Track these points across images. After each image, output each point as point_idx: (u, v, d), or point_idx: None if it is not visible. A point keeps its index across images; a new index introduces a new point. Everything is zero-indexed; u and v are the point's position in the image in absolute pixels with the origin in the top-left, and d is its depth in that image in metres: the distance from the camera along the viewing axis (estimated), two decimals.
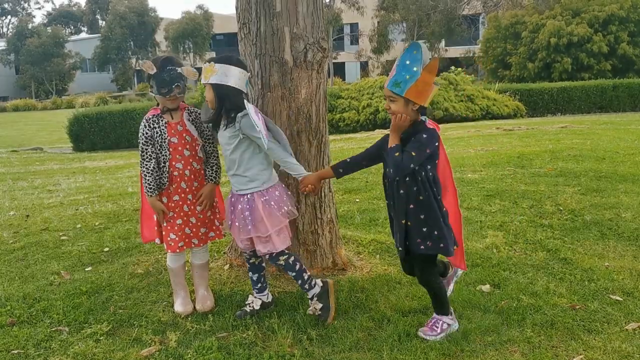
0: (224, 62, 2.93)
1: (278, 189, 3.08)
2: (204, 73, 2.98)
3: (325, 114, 3.59)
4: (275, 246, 3.01)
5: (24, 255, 4.54)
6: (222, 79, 2.91)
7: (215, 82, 2.93)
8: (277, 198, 3.04)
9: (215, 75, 2.92)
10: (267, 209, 2.99)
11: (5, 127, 28.15)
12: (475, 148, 9.22)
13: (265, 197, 3.01)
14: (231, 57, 3.00)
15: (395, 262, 3.95)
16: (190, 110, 3.21)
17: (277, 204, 3.02)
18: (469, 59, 35.51)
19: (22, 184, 9.02)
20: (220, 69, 2.91)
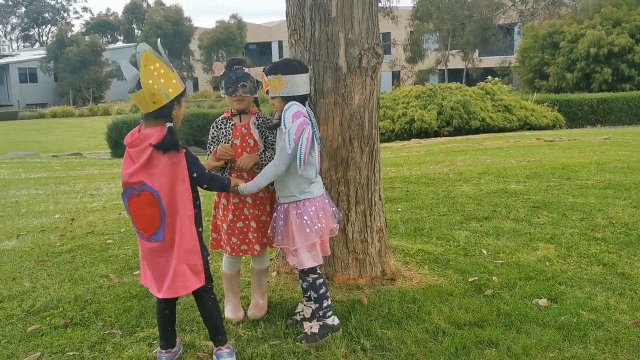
0: (290, 72, 2.87)
1: (315, 204, 2.96)
2: (271, 86, 2.90)
3: (377, 121, 3.55)
4: (301, 261, 2.93)
5: (72, 257, 4.59)
6: (292, 90, 2.88)
7: (285, 95, 2.89)
8: (312, 214, 2.93)
9: (285, 88, 2.87)
10: (297, 223, 2.91)
11: (45, 133, 28.89)
12: (516, 159, 9.06)
13: (300, 210, 2.92)
14: (292, 63, 2.95)
15: (445, 273, 3.87)
16: (259, 115, 3.18)
17: (311, 220, 2.92)
18: (504, 69, 35.07)
19: (64, 188, 9.20)
20: (289, 81, 2.86)
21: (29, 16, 79.77)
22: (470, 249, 4.40)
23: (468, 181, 7.17)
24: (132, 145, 2.53)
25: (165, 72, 2.49)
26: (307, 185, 2.94)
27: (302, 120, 2.82)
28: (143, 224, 2.56)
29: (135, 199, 2.53)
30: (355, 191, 3.51)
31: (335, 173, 3.48)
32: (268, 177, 2.89)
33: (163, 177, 2.49)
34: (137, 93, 2.45)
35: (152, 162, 2.49)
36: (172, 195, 2.51)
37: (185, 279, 2.56)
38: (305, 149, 2.82)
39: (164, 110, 2.50)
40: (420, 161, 9.67)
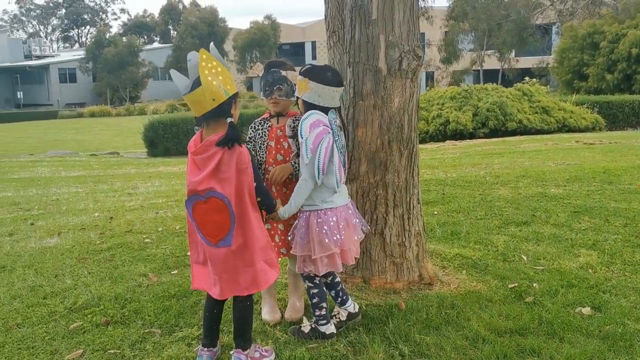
0: (320, 81, 2.83)
1: (337, 214, 2.91)
2: (298, 85, 2.94)
3: (416, 123, 3.51)
4: (317, 268, 2.92)
5: (112, 256, 4.67)
6: (315, 99, 2.85)
7: (306, 100, 2.88)
8: (332, 224, 2.88)
9: (309, 93, 2.85)
10: (317, 233, 2.87)
11: (84, 132, 29.57)
12: (555, 162, 8.87)
13: (320, 219, 2.89)
14: (326, 73, 2.87)
15: (484, 279, 3.80)
16: (297, 118, 3.17)
17: (330, 230, 2.87)
18: (541, 70, 34.41)
19: (102, 186, 9.39)
20: (315, 88, 2.83)
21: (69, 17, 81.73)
22: (510, 255, 4.32)
23: (505, 184, 7.04)
24: (198, 152, 2.54)
25: (222, 71, 2.51)
26: (329, 194, 2.92)
27: (320, 130, 2.80)
28: (211, 230, 2.56)
29: (201, 205, 2.55)
30: (393, 194, 3.48)
31: (374, 176, 3.45)
32: (302, 193, 2.86)
33: (232, 183, 2.51)
34: (195, 92, 2.45)
35: (221, 168, 2.50)
36: (241, 200, 2.54)
37: (265, 274, 2.63)
38: (324, 158, 2.80)
39: (223, 106, 2.51)
40: (456, 163, 9.56)
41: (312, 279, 3.00)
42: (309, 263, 2.94)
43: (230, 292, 2.62)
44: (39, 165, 13.49)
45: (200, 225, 2.58)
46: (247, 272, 2.59)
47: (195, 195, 2.54)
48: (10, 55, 55.05)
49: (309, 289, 3.03)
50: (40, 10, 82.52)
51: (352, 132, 3.44)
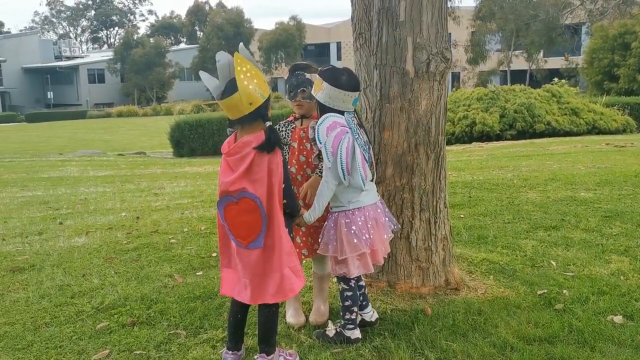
0: (332, 83, 2.80)
1: (365, 214, 2.89)
2: (314, 84, 2.94)
3: (444, 126, 3.46)
4: (349, 270, 2.90)
5: (138, 256, 4.72)
6: (326, 100, 2.84)
7: (319, 101, 2.88)
8: (360, 224, 2.87)
9: (321, 93, 2.85)
10: (346, 233, 2.86)
11: (112, 132, 30.03)
12: (585, 165, 8.69)
13: (348, 219, 2.88)
14: (340, 76, 2.83)
15: (511, 285, 3.74)
16: None
17: (359, 230, 2.86)
18: (570, 70, 33.83)
19: (129, 186, 9.50)
20: (327, 89, 2.82)
21: (98, 19, 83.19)
22: (538, 260, 4.24)
23: (534, 187, 6.93)
24: (231, 153, 2.54)
25: (256, 73, 2.50)
26: (356, 194, 2.90)
27: (338, 131, 2.78)
28: (242, 231, 2.56)
29: (233, 206, 2.54)
30: (420, 198, 3.44)
31: (400, 179, 3.42)
32: (324, 195, 2.85)
33: (264, 183, 2.51)
34: (233, 97, 2.44)
35: (253, 169, 2.50)
36: (271, 201, 2.54)
37: (291, 282, 2.60)
38: (346, 158, 2.79)
39: (260, 110, 2.51)
40: (483, 165, 9.44)
41: (347, 281, 2.97)
42: (343, 265, 2.92)
43: (259, 298, 2.60)
44: (68, 165, 13.72)
45: (232, 226, 2.58)
46: (273, 278, 2.58)
47: (227, 196, 2.54)
48: (41, 56, 56.24)
49: (343, 292, 3.00)
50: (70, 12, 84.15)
51: (378, 134, 3.41)
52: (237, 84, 2.43)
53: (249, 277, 2.59)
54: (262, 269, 2.58)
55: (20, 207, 7.37)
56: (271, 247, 2.57)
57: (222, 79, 2.51)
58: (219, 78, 2.52)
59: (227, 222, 2.58)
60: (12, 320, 3.41)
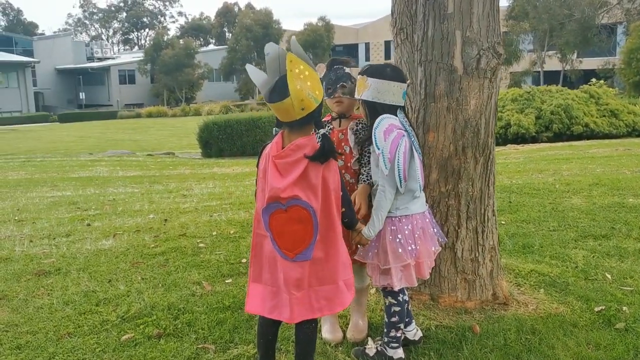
0: (378, 76, 2.63)
1: (413, 223, 2.68)
2: (357, 86, 2.72)
3: (494, 128, 3.20)
4: (392, 282, 2.67)
5: (165, 261, 4.55)
6: (375, 96, 2.63)
7: (366, 99, 2.66)
8: (407, 233, 2.65)
9: (367, 91, 2.64)
10: (391, 241, 2.64)
11: (141, 132, 30.25)
12: (630, 169, 8.27)
13: (395, 226, 2.66)
14: (385, 69, 2.68)
15: (565, 300, 3.44)
16: (360, 121, 2.92)
17: (405, 239, 2.64)
18: (606, 71, 32.91)
19: (157, 187, 9.40)
20: (373, 84, 2.62)
21: (129, 21, 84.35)
22: (591, 272, 3.93)
23: (578, 193, 6.57)
24: (282, 156, 2.31)
25: (310, 74, 2.28)
26: (405, 201, 2.67)
27: (395, 135, 2.56)
28: (289, 242, 2.33)
29: (281, 214, 2.32)
30: (466, 205, 3.18)
31: (445, 185, 3.16)
32: (383, 205, 2.62)
33: (319, 192, 2.29)
34: (284, 102, 2.23)
35: (308, 175, 2.29)
36: (328, 211, 2.32)
37: (343, 296, 2.39)
38: (404, 164, 2.57)
39: (313, 115, 2.30)
40: (521, 169, 9.08)
41: (395, 295, 2.73)
42: (386, 276, 2.69)
43: (300, 315, 2.36)
44: (98, 165, 13.75)
45: (277, 235, 2.34)
46: (322, 292, 2.35)
47: (275, 202, 2.31)
48: (74, 57, 57.17)
49: (389, 307, 2.76)
50: (102, 14, 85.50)
51: (422, 136, 3.16)
52: (289, 88, 2.21)
53: (291, 292, 2.34)
54: (307, 283, 2.34)
55: (49, 208, 7.31)
56: (324, 260, 2.35)
57: (272, 73, 2.29)
58: (268, 72, 2.30)
59: (272, 230, 2.35)
60: (35, 328, 3.25)
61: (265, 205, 2.33)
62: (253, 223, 2.45)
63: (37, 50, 55.85)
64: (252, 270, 2.49)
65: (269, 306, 2.40)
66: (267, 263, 2.42)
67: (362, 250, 2.73)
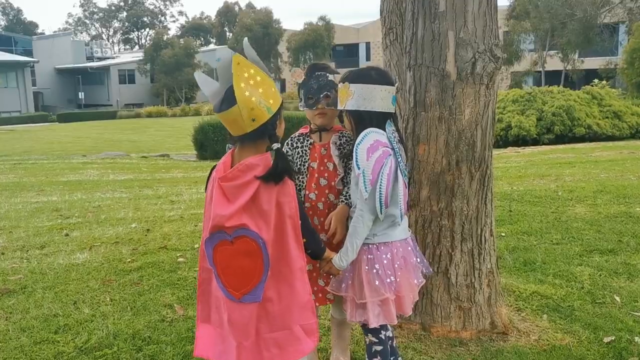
0: (361, 81, 2.30)
1: (392, 251, 2.34)
2: (339, 95, 2.38)
3: (492, 140, 2.88)
4: (369, 319, 2.33)
5: (140, 278, 4.23)
6: (361, 104, 2.30)
7: (351, 110, 2.33)
8: (386, 262, 2.32)
9: (351, 100, 2.30)
10: (367, 272, 2.32)
11: (139, 132, 29.95)
12: (636, 174, 7.94)
13: (371, 255, 2.33)
14: (369, 72, 2.36)
15: (571, 328, 3.12)
16: (343, 134, 2.59)
17: (383, 270, 2.31)
18: (609, 71, 32.53)
19: (147, 192, 9.10)
20: (357, 90, 2.29)
21: (129, 20, 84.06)
22: (598, 294, 3.61)
23: (581, 201, 6.25)
24: (228, 178, 1.97)
25: (262, 80, 1.96)
26: (384, 226, 2.34)
27: (380, 154, 2.23)
28: (235, 279, 1.99)
29: (226, 247, 1.98)
30: (461, 225, 2.86)
31: (437, 203, 2.84)
32: (359, 232, 2.29)
33: (271, 220, 1.96)
34: (231, 111, 1.92)
35: (259, 200, 1.96)
36: (282, 242, 1.99)
37: (299, 343, 2.04)
38: (387, 189, 2.24)
39: (266, 127, 1.97)
40: (522, 174, 8.74)
41: (376, 332, 2.40)
42: (363, 310, 2.36)
43: None
44: (89, 168, 13.44)
45: (222, 272, 2.01)
46: (272, 339, 2.02)
47: (219, 232, 1.97)
48: (73, 57, 56.92)
49: (370, 345, 2.43)
50: (102, 13, 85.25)
51: (411, 149, 2.84)
52: (236, 96, 1.89)
53: (238, 339, 2.01)
54: (257, 329, 2.01)
55: (30, 215, 7.00)
56: (276, 300, 2.01)
57: (224, 82, 1.97)
58: (220, 81, 1.98)
59: (216, 266, 2.01)
60: None
61: (209, 236, 1.99)
62: (199, 254, 2.13)
63: (36, 50, 55.57)
64: (200, 309, 2.15)
65: (218, 350, 2.07)
66: (214, 302, 2.08)
67: (334, 281, 2.41)
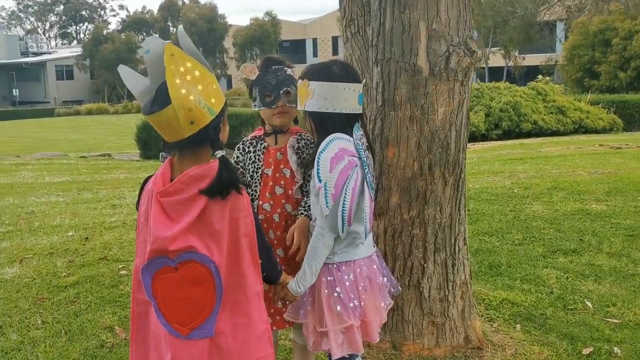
0: (322, 78, 1.98)
1: (356, 271, 2.06)
2: (299, 94, 2.06)
3: (466, 141, 2.65)
4: (332, 349, 2.04)
5: (76, 295, 3.82)
6: (322, 105, 1.98)
7: (311, 111, 2.03)
8: (348, 285, 2.03)
9: (311, 100, 1.99)
10: (327, 296, 2.03)
11: (78, 130, 28.71)
12: (586, 170, 7.99)
13: (332, 276, 2.04)
14: (330, 68, 2.04)
15: (546, 339, 2.95)
16: (301, 136, 2.30)
17: (346, 293, 2.02)
18: (549, 67, 33.52)
19: (86, 195, 8.52)
20: (317, 89, 1.97)
21: (67, 14, 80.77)
22: (569, 299, 3.46)
23: (538, 198, 6.18)
24: (169, 193, 1.63)
25: (201, 75, 1.63)
26: (347, 244, 2.04)
27: (345, 165, 1.93)
28: (181, 313, 1.66)
29: (169, 275, 1.65)
30: (434, 235, 2.62)
31: (408, 211, 2.59)
32: (319, 254, 1.98)
33: (223, 239, 1.64)
34: (163, 113, 1.58)
35: (208, 217, 1.63)
36: (236, 266, 1.67)
37: None
38: (350, 204, 1.94)
39: (207, 131, 1.64)
40: (475, 170, 8.68)
41: None
42: (325, 339, 2.07)
43: None
44: (23, 169, 12.61)
45: (165, 305, 1.67)
46: None
47: (160, 258, 1.63)
48: (7, 52, 54.19)
49: None
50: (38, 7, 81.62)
51: (379, 152, 2.58)
52: (170, 93, 1.56)
53: None
54: None
55: None
56: (230, 334, 1.69)
57: (155, 79, 1.64)
58: (150, 78, 1.65)
59: (156, 298, 1.67)
60: None
61: (147, 262, 1.65)
62: (132, 285, 1.79)
63: None
64: (134, 350, 1.80)
65: None
66: (153, 340, 1.74)
67: (291, 307, 2.10)
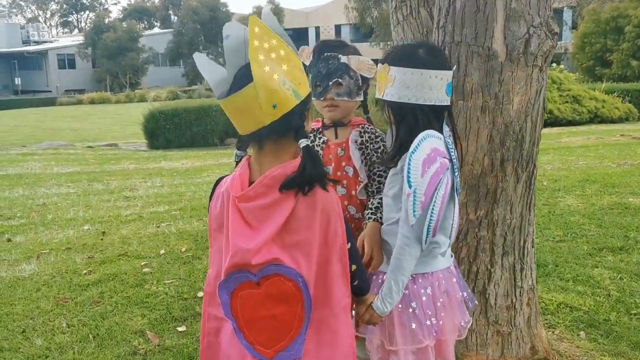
0: (404, 63, 1.71)
1: (434, 284, 1.83)
2: (378, 80, 1.80)
3: (540, 134, 2.40)
4: None
5: (100, 295, 3.61)
6: (404, 94, 1.71)
7: (390, 101, 1.76)
8: (425, 300, 1.81)
9: (392, 87, 1.72)
10: (400, 312, 1.81)
11: (82, 120, 28.43)
12: (614, 161, 7.75)
13: (407, 290, 1.79)
14: (415, 51, 1.77)
15: (617, 349, 2.72)
16: (365, 129, 2.05)
17: (422, 309, 1.80)
18: (558, 56, 33.07)
19: (97, 186, 8.30)
20: (399, 76, 1.70)
21: (68, 2, 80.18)
22: (629, 302, 3.24)
23: (570, 191, 5.94)
24: (249, 197, 1.40)
25: (287, 55, 1.38)
26: (425, 254, 1.78)
27: (437, 168, 1.67)
28: (265, 334, 1.45)
29: (250, 291, 1.43)
30: (503, 237, 2.39)
31: (475, 211, 2.35)
32: (406, 267, 1.71)
33: (313, 250, 1.41)
34: (241, 93, 1.33)
35: (291, 227, 1.40)
36: (325, 278, 1.44)
37: None
38: (439, 214, 1.69)
39: (291, 118, 1.39)
40: None
41: None
42: (394, 358, 1.84)
43: None
44: (30, 160, 12.39)
45: (247, 325, 1.44)
46: None
47: (242, 272, 1.40)
48: (8, 41, 53.79)
49: None
50: None
51: None
52: (252, 70, 1.31)
53: None
54: None
55: None
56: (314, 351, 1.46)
57: (233, 68, 1.39)
58: (228, 67, 1.39)
59: (236, 317, 1.45)
60: None
61: (224, 278, 1.42)
62: (204, 297, 1.56)
63: None
64: None
65: None
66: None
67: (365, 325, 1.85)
